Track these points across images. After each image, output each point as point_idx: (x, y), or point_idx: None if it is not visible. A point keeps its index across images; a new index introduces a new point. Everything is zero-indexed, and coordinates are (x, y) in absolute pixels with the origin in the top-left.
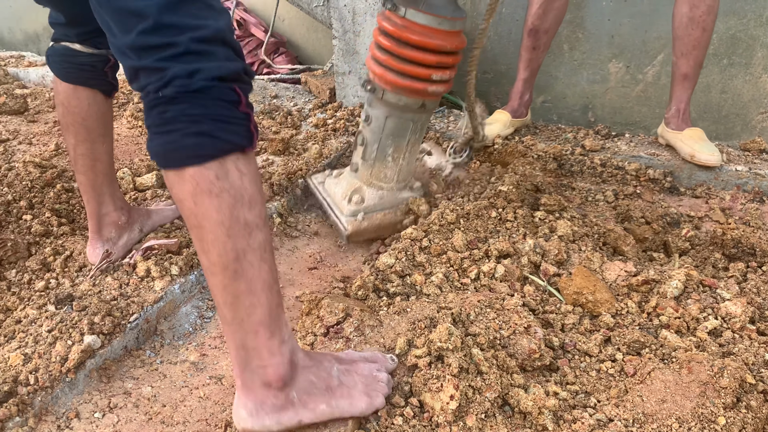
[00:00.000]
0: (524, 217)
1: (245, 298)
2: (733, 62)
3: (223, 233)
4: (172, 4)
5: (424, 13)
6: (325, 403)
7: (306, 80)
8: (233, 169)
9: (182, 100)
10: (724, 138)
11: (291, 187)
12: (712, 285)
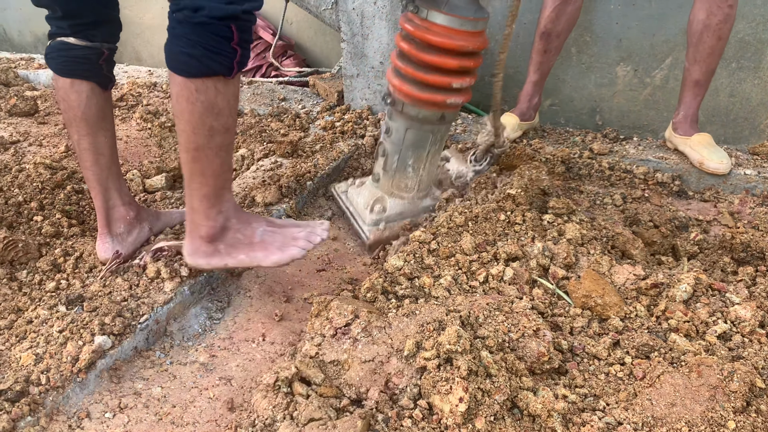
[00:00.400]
0: (533, 220)
1: (198, 176)
2: (741, 66)
3: (190, 129)
4: None
5: (445, 13)
6: (244, 254)
7: (314, 83)
8: (212, 87)
9: (186, 27)
10: (733, 142)
11: (299, 189)
12: (722, 289)
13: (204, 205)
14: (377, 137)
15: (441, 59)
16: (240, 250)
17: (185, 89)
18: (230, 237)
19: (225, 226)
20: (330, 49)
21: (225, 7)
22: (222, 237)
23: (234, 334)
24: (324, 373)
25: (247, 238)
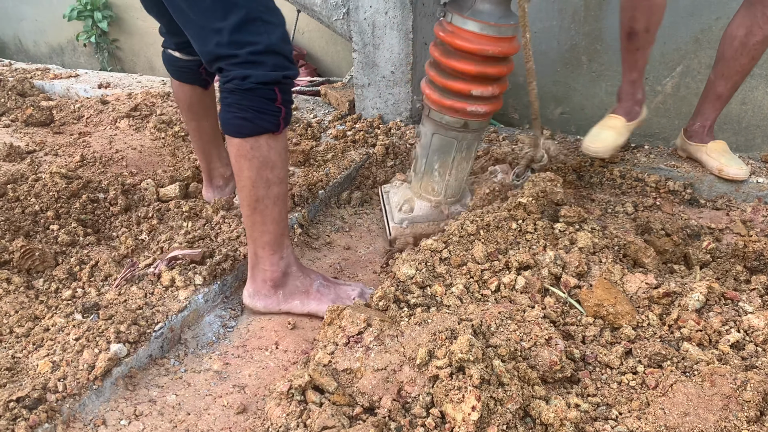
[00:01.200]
0: (544, 228)
1: (260, 225)
2: (753, 74)
3: (250, 184)
4: (239, 25)
5: (467, 18)
6: (299, 300)
7: (325, 92)
8: (264, 144)
9: (237, 94)
10: (745, 149)
11: (311, 198)
12: (734, 298)
13: (267, 252)
14: (388, 146)
15: (461, 64)
16: (296, 297)
17: (242, 149)
18: (290, 284)
19: (286, 272)
20: (341, 58)
21: (269, 73)
22: (283, 283)
23: (247, 342)
24: (337, 381)
25: (305, 287)
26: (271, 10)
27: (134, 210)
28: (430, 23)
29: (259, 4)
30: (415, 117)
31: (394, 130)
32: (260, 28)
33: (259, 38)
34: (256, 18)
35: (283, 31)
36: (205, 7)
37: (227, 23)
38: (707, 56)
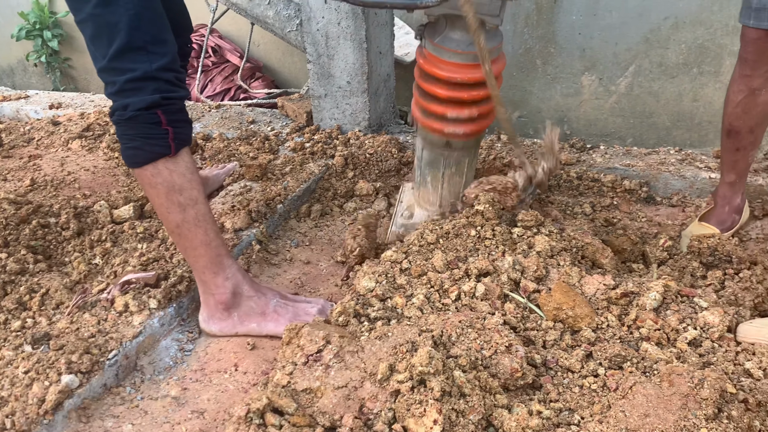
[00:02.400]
0: (502, 234)
1: (190, 251)
2: (702, 71)
3: (164, 211)
4: (119, 53)
5: (435, 45)
6: (255, 323)
7: (282, 104)
8: (164, 168)
9: (122, 125)
10: (698, 145)
11: (270, 213)
12: (690, 294)
13: (209, 274)
14: (347, 156)
15: (434, 88)
16: (252, 319)
17: (144, 178)
18: (244, 305)
19: (236, 292)
20: (298, 69)
21: (147, 98)
22: (236, 304)
23: (206, 365)
24: (296, 402)
25: (261, 308)
26: (159, 42)
27: (87, 233)
28: (383, 32)
29: (144, 34)
30: (373, 126)
31: (353, 140)
32: (142, 56)
33: (138, 66)
34: (140, 47)
35: (170, 58)
36: (94, 33)
37: (111, 49)
38: (657, 55)
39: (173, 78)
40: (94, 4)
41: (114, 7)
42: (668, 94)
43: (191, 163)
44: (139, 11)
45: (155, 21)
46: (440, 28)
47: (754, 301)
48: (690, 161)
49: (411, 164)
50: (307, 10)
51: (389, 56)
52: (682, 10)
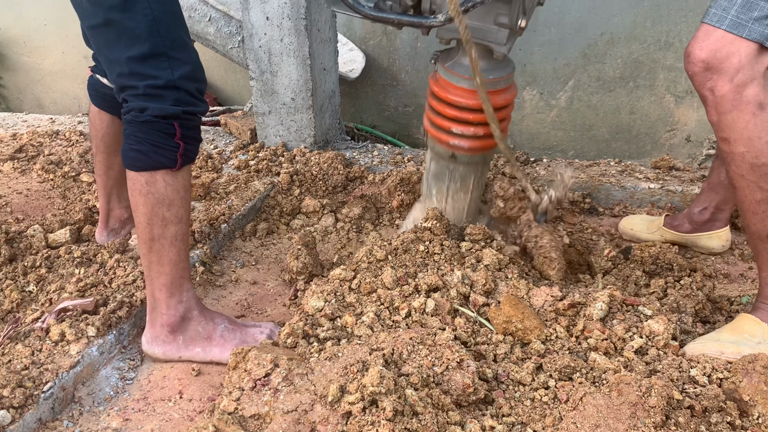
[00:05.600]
0: (451, 248)
1: (156, 266)
2: (638, 84)
3: (145, 221)
4: (141, 58)
5: (446, 69)
6: (200, 347)
7: (226, 122)
8: (161, 180)
9: (134, 125)
10: (637, 156)
11: (214, 233)
12: (635, 303)
13: (164, 294)
14: (293, 173)
15: (441, 106)
16: (197, 344)
17: (137, 183)
18: (191, 329)
19: (186, 317)
20: (241, 86)
21: (167, 107)
22: (183, 328)
23: (149, 393)
24: (244, 428)
25: (207, 333)
26: (180, 47)
27: (20, 260)
28: (327, 49)
29: (165, 39)
30: (319, 143)
31: (299, 156)
32: (163, 63)
33: (161, 72)
34: (161, 53)
35: (192, 68)
36: (111, 38)
37: (130, 54)
38: (595, 70)
39: (195, 90)
40: (109, 9)
41: (131, 13)
42: (606, 108)
43: (189, 181)
44: (158, 16)
45: (176, 25)
46: (453, 54)
47: (695, 308)
48: (630, 172)
49: (357, 180)
50: (248, 27)
51: (333, 73)
52: (617, 26)
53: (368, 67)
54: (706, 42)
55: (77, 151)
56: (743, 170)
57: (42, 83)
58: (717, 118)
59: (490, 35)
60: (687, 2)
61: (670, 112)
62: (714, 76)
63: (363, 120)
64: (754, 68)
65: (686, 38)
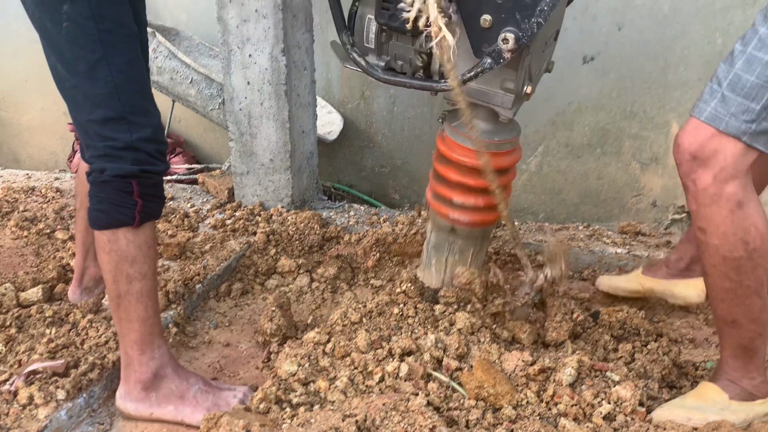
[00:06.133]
0: (424, 311)
1: (125, 323)
2: (605, 151)
3: (111, 278)
4: (100, 122)
5: (452, 128)
6: (173, 406)
7: (204, 181)
8: (122, 237)
9: (96, 186)
10: (605, 220)
11: (188, 293)
12: (603, 368)
13: (135, 351)
14: (269, 233)
15: (445, 169)
16: (170, 402)
17: (101, 241)
18: (164, 387)
19: (159, 374)
20: (220, 145)
21: (125, 167)
22: (156, 386)
23: None
24: None
25: (180, 392)
26: (140, 111)
27: None
28: (306, 112)
29: (125, 105)
30: (297, 202)
31: (276, 216)
32: (123, 126)
33: (120, 135)
34: (121, 117)
35: (152, 130)
36: (78, 102)
37: (91, 117)
38: (564, 137)
39: (154, 150)
40: (75, 74)
41: (94, 80)
42: (575, 173)
43: (152, 237)
44: (119, 83)
45: (137, 92)
46: (460, 114)
47: (662, 373)
48: (598, 237)
49: (333, 240)
50: (230, 90)
51: (312, 135)
52: (584, 96)
53: (346, 129)
54: (693, 136)
55: (53, 208)
56: (715, 260)
57: (19, 138)
58: (696, 209)
59: (496, 99)
60: (650, 76)
61: (636, 178)
62: (699, 169)
63: (340, 179)
64: (737, 167)
65: (649, 108)
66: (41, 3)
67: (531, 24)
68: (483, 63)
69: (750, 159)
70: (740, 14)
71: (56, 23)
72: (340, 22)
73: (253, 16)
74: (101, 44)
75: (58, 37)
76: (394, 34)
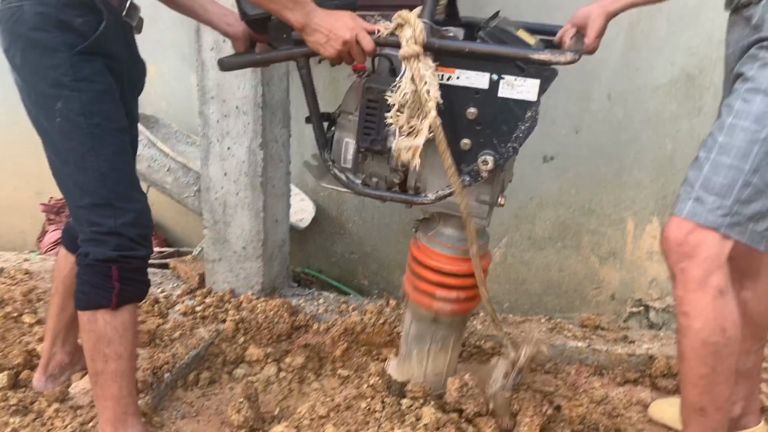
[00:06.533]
0: (391, 405)
1: (101, 400)
2: (566, 245)
3: (89, 356)
4: (88, 208)
5: (428, 237)
6: None
7: (175, 266)
8: (101, 318)
9: (81, 268)
10: (567, 311)
11: (156, 382)
12: None
13: (109, 428)
14: (239, 321)
15: (425, 272)
16: None
17: (82, 321)
18: None
19: None
20: (192, 228)
21: (106, 252)
22: None
23: None
24: None
25: None
26: (124, 198)
27: None
28: (280, 202)
29: (111, 192)
30: (267, 290)
31: (245, 303)
32: (108, 212)
33: (105, 221)
34: (106, 204)
35: (135, 215)
36: (69, 188)
37: (80, 204)
38: (526, 230)
39: (136, 235)
40: (66, 164)
41: (83, 169)
42: (538, 264)
43: (130, 320)
44: (105, 172)
45: (122, 180)
46: (434, 224)
47: None
48: (559, 330)
49: (302, 329)
50: (207, 180)
51: (285, 224)
52: (545, 192)
53: (317, 216)
54: (678, 231)
55: (21, 291)
56: (695, 344)
57: None
58: (683, 294)
59: (473, 210)
60: (606, 176)
61: (596, 272)
62: (686, 259)
63: (310, 265)
64: (720, 256)
65: (606, 206)
66: (38, 102)
67: (507, 148)
68: (462, 181)
69: (728, 248)
70: (687, 123)
71: (51, 119)
72: (323, 142)
73: (233, 112)
74: (90, 137)
75: (52, 131)
76: (369, 155)
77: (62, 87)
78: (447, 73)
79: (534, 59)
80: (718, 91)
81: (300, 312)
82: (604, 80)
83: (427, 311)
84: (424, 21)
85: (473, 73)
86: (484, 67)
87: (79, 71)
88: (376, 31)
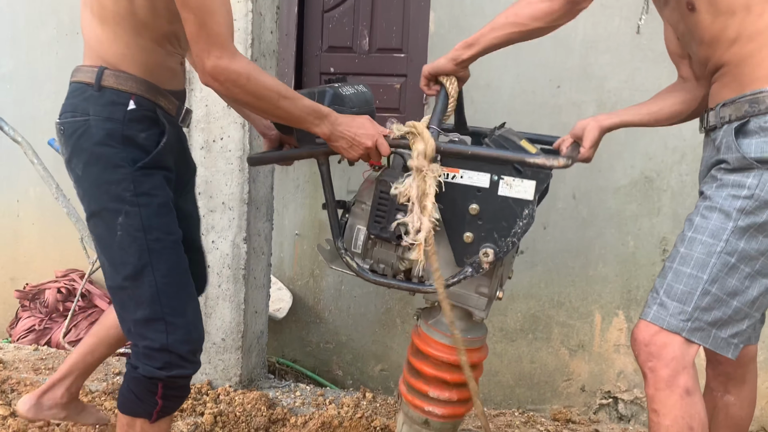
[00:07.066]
0: None
1: None
2: (537, 337)
3: None
4: (143, 321)
5: (428, 325)
6: None
7: None
8: (138, 426)
9: (128, 376)
10: (539, 402)
11: None
12: None
13: None
14: (217, 414)
15: (421, 364)
16: None
17: (121, 420)
18: None
19: None
20: None
21: (154, 371)
22: None
23: None
24: None
25: None
26: (178, 313)
27: None
28: (260, 294)
29: (164, 306)
30: (244, 382)
31: (223, 396)
32: (161, 327)
33: (157, 336)
34: (159, 318)
35: (186, 331)
36: (124, 300)
37: (135, 317)
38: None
39: (186, 352)
40: (123, 277)
41: (139, 282)
42: (510, 356)
43: (165, 428)
44: (161, 287)
45: (177, 294)
46: (435, 313)
47: None
48: (532, 423)
49: (279, 422)
50: None
51: (264, 315)
52: (516, 285)
53: (294, 305)
54: (645, 333)
55: None
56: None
57: None
58: (653, 393)
59: (472, 301)
60: (573, 270)
61: (566, 364)
62: (654, 359)
63: (285, 354)
64: (685, 358)
65: (574, 299)
66: (101, 215)
67: (507, 242)
68: (464, 271)
69: (693, 352)
70: (647, 222)
71: (111, 231)
72: (338, 231)
73: (219, 208)
74: (148, 252)
75: (111, 243)
76: (378, 242)
77: (123, 202)
78: (452, 173)
79: (530, 163)
80: (675, 194)
81: (277, 405)
82: (569, 180)
83: (419, 414)
84: (432, 127)
85: (475, 173)
86: (485, 168)
87: (140, 186)
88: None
